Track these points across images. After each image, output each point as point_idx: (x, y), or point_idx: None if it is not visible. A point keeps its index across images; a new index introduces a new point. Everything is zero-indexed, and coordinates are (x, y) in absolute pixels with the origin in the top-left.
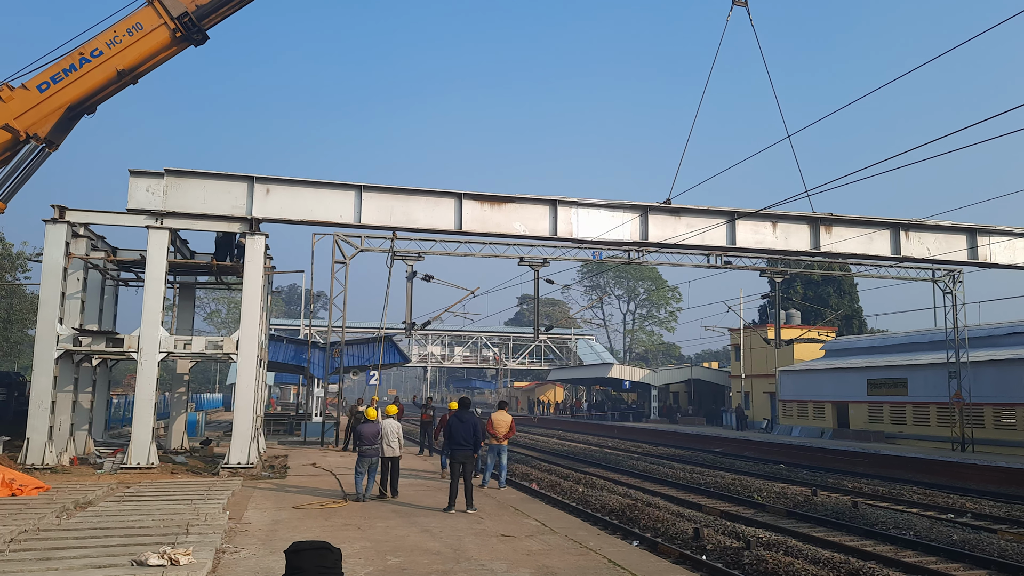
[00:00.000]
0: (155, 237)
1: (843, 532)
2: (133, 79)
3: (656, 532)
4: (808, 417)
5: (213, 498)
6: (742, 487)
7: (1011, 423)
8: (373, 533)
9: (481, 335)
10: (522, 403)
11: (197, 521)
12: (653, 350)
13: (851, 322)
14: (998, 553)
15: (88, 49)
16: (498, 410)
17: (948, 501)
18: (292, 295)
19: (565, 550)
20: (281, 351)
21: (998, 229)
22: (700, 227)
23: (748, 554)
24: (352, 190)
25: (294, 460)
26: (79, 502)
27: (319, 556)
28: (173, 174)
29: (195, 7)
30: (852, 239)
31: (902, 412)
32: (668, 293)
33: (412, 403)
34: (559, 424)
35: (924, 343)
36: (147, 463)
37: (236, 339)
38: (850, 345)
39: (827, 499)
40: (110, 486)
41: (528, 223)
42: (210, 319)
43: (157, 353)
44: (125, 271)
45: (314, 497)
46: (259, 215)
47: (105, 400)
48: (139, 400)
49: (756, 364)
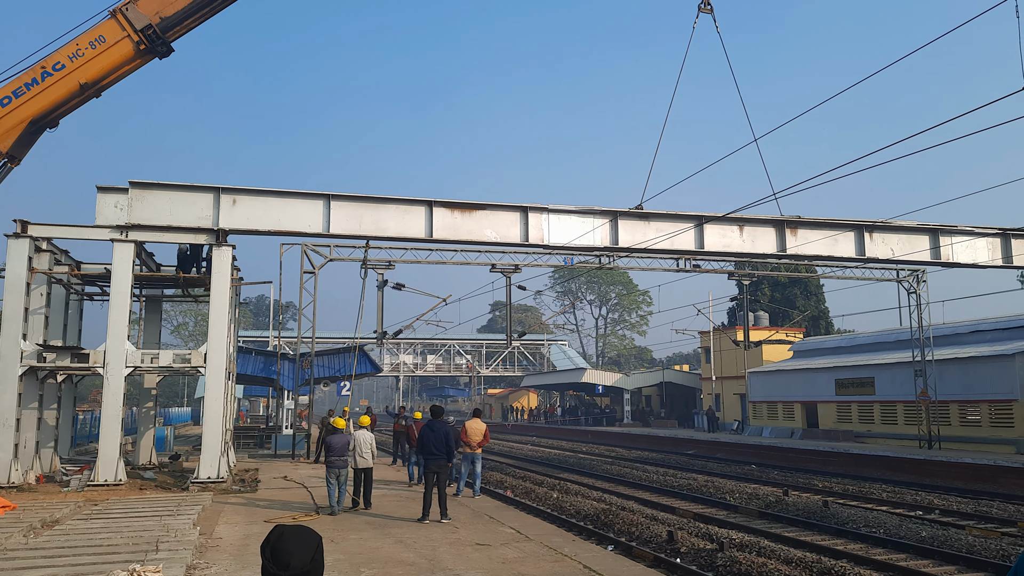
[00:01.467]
0: (120, 250)
1: (814, 531)
2: (96, 92)
3: (631, 536)
4: (778, 417)
5: (183, 514)
6: (715, 489)
7: (976, 420)
8: (346, 545)
9: (454, 343)
10: (496, 410)
11: (167, 537)
12: (625, 354)
13: (818, 323)
14: (966, 549)
15: (50, 63)
16: (472, 418)
17: (916, 498)
18: (260, 306)
19: (540, 557)
20: (250, 363)
21: (960, 229)
22: (669, 231)
23: (722, 555)
24: (321, 199)
25: (265, 473)
26: (46, 521)
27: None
28: (137, 186)
29: (159, 20)
30: (817, 241)
31: (870, 411)
32: (639, 297)
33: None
34: (533, 430)
35: (890, 342)
36: (115, 480)
37: (204, 352)
38: (818, 346)
39: (798, 499)
40: (77, 504)
41: (499, 230)
42: (177, 332)
43: (124, 368)
44: (90, 285)
45: (286, 511)
46: (226, 226)
47: (71, 416)
48: (106, 416)
49: (726, 366)
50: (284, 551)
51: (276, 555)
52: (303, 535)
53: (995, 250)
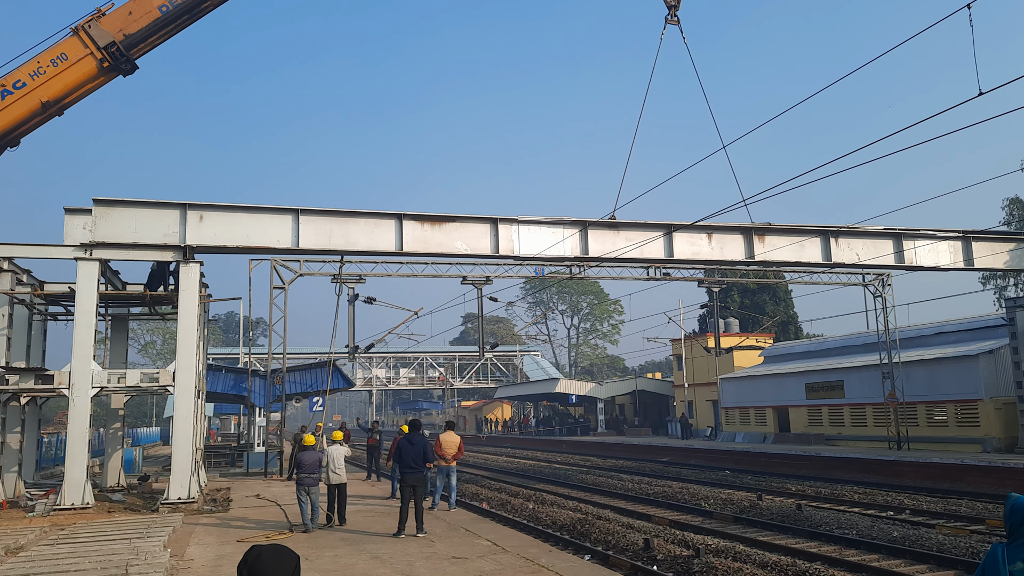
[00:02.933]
0: (84, 269)
1: (789, 535)
2: (59, 110)
3: (607, 545)
4: (750, 423)
5: (153, 536)
6: (689, 495)
7: (943, 420)
8: (321, 563)
9: (426, 356)
10: (470, 422)
11: (137, 561)
12: (598, 363)
13: (787, 328)
14: (937, 547)
15: (10, 80)
16: (446, 431)
17: (887, 499)
18: (230, 323)
19: (518, 568)
20: (220, 381)
21: (922, 232)
22: (639, 240)
23: (698, 562)
24: (289, 214)
25: (237, 492)
26: (10, 547)
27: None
28: (102, 203)
29: (123, 37)
30: (785, 247)
31: (840, 414)
32: (610, 306)
33: (357, 426)
34: (508, 441)
35: (858, 346)
36: (82, 503)
37: (172, 371)
38: (787, 351)
39: (772, 503)
40: (43, 529)
41: (470, 242)
42: (144, 351)
43: (90, 388)
44: (54, 305)
45: (259, 529)
46: (193, 243)
47: (35, 439)
48: (72, 438)
49: (698, 373)
50: (262, 571)
51: (254, 575)
52: (281, 555)
53: (957, 252)
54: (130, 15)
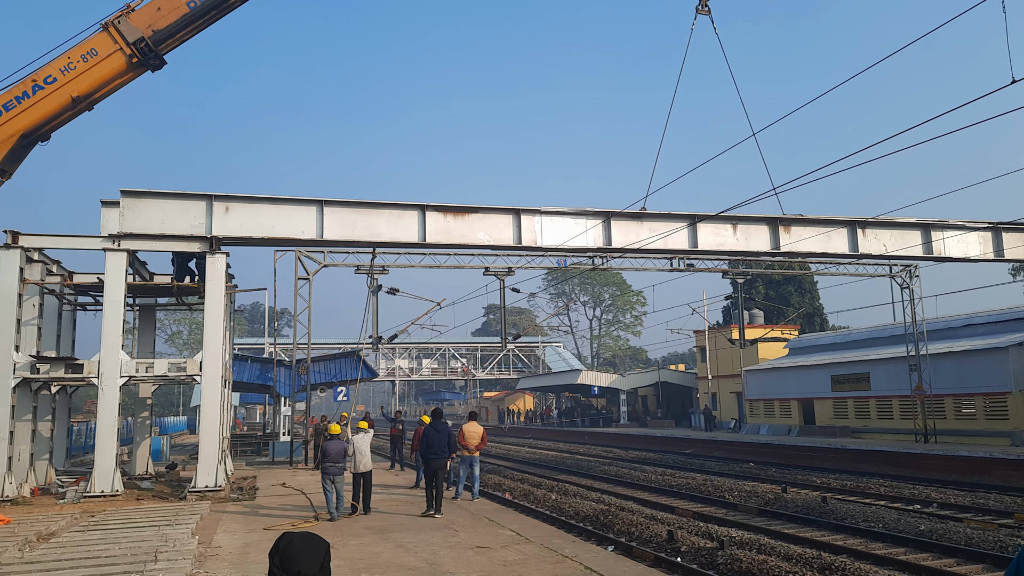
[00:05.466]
0: (112, 259)
1: (814, 528)
2: (88, 105)
3: (631, 536)
4: (775, 415)
5: (181, 523)
6: (713, 487)
7: (971, 413)
8: (347, 551)
9: (449, 346)
10: (492, 413)
11: (165, 547)
12: (620, 355)
13: (813, 320)
14: (964, 541)
15: (41, 76)
16: (468, 421)
17: (914, 492)
18: (255, 313)
19: (541, 559)
20: (246, 371)
21: (951, 223)
22: (662, 231)
23: (722, 554)
24: (314, 205)
25: (263, 481)
26: (42, 534)
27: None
28: (129, 195)
29: (151, 32)
30: (811, 238)
31: (866, 406)
32: (633, 297)
33: (381, 415)
34: (530, 432)
35: (884, 338)
36: (111, 490)
37: (199, 360)
38: (813, 343)
39: (797, 496)
40: (74, 516)
41: (492, 233)
42: (171, 341)
43: (118, 378)
44: (83, 295)
45: (285, 518)
46: (219, 234)
47: (66, 428)
48: (101, 426)
49: (722, 365)
50: (293, 558)
51: (285, 562)
52: (312, 542)
53: (987, 244)
54: (158, 11)
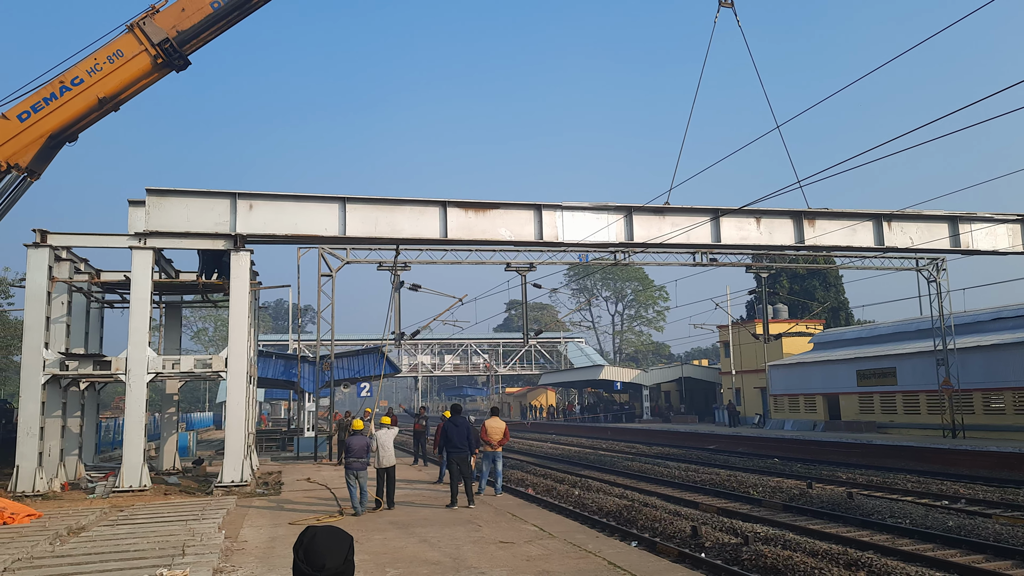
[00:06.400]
0: (139, 257)
1: (839, 523)
2: (115, 106)
3: (654, 532)
4: (800, 410)
5: (208, 518)
6: (737, 483)
7: (1000, 407)
8: (371, 546)
9: (471, 342)
10: (514, 408)
11: (193, 542)
12: (643, 350)
13: (838, 314)
14: (993, 537)
15: (69, 77)
16: (491, 417)
17: (942, 488)
18: (279, 310)
19: (564, 554)
20: (270, 367)
21: (979, 216)
22: (685, 226)
23: (747, 549)
24: (336, 202)
25: (288, 476)
26: (72, 528)
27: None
28: (155, 193)
29: (176, 33)
30: (835, 232)
31: (892, 401)
32: (655, 293)
33: (403, 412)
34: (552, 428)
35: (911, 332)
36: (139, 485)
37: (225, 357)
38: (838, 337)
39: (822, 491)
40: (103, 510)
41: (513, 228)
42: (197, 338)
43: (145, 374)
44: (110, 293)
45: (310, 512)
46: (243, 231)
47: (94, 423)
48: (129, 422)
49: (746, 360)
50: (317, 552)
51: (310, 556)
52: (336, 536)
53: (1015, 236)
54: (183, 11)
